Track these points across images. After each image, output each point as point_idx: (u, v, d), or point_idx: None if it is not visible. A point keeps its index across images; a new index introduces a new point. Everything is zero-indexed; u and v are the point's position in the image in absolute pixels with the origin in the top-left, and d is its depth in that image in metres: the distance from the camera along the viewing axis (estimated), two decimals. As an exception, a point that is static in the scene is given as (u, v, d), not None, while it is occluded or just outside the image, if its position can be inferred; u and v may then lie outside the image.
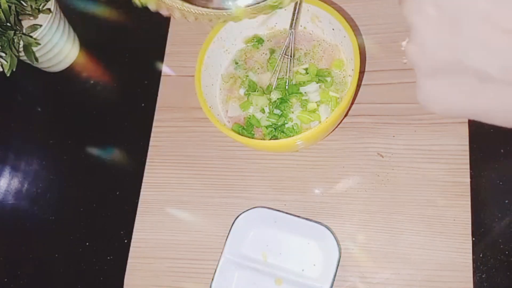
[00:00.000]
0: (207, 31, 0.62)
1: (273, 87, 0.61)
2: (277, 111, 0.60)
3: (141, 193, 0.66)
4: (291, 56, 0.62)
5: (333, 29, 0.60)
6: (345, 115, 0.63)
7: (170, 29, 0.74)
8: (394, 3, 0.67)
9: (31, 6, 0.67)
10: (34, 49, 0.68)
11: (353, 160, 0.61)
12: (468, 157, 0.59)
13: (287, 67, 0.62)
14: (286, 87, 0.61)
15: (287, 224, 0.58)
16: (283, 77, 0.62)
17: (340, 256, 0.56)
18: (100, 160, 0.70)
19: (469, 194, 0.57)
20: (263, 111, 0.61)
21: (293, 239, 0.59)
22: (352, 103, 0.63)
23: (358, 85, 0.64)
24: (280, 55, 0.62)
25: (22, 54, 0.68)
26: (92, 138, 0.72)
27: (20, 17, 0.67)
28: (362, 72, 0.64)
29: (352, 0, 0.68)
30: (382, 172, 0.60)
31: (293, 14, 0.61)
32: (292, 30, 0.61)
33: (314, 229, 0.57)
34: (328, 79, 0.61)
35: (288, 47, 0.62)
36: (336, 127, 0.62)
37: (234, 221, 0.59)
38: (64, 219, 0.68)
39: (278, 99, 0.60)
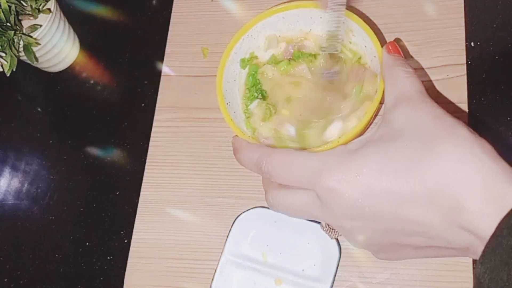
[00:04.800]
0: (207, 31, 0.61)
1: None
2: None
3: (141, 193, 0.66)
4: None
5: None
6: None
7: (170, 29, 0.74)
8: (394, 3, 0.67)
9: (31, 6, 0.67)
10: (34, 49, 0.68)
11: (353, 160, 0.61)
12: (468, 157, 0.59)
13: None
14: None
15: (287, 224, 0.58)
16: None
17: (340, 256, 0.56)
18: (100, 160, 0.70)
19: (469, 194, 0.57)
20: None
21: (293, 239, 0.59)
22: None
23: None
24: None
25: (22, 54, 0.68)
26: (92, 138, 0.72)
27: (20, 17, 0.67)
28: None
29: (351, 1, 0.68)
30: (382, 172, 0.60)
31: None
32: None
33: (314, 229, 0.57)
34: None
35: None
36: None
37: (234, 221, 0.59)
38: (64, 219, 0.68)
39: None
